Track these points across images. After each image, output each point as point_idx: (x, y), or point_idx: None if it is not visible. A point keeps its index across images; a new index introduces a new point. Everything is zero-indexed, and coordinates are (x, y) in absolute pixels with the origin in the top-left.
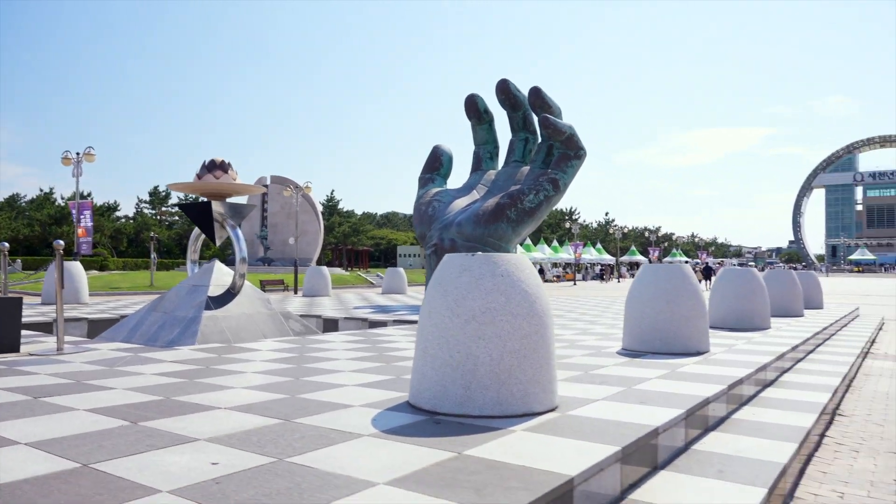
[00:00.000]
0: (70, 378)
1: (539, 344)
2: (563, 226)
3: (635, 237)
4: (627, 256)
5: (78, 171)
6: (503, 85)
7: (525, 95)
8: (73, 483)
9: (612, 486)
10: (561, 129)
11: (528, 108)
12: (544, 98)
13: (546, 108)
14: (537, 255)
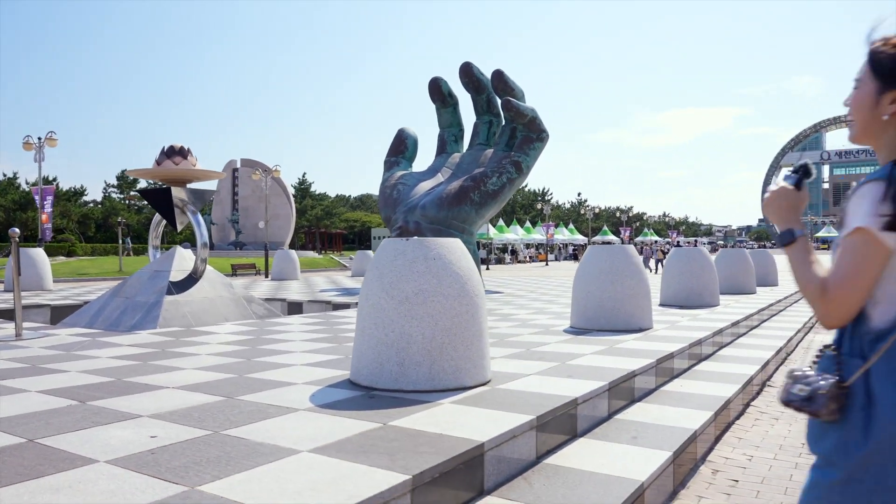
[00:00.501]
0: (26, 363)
1: (470, 323)
2: (535, 206)
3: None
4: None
5: (40, 157)
6: (466, 68)
7: (489, 79)
8: (18, 456)
9: (528, 451)
10: (523, 111)
11: (492, 91)
12: (507, 81)
13: (509, 91)
14: (510, 237)
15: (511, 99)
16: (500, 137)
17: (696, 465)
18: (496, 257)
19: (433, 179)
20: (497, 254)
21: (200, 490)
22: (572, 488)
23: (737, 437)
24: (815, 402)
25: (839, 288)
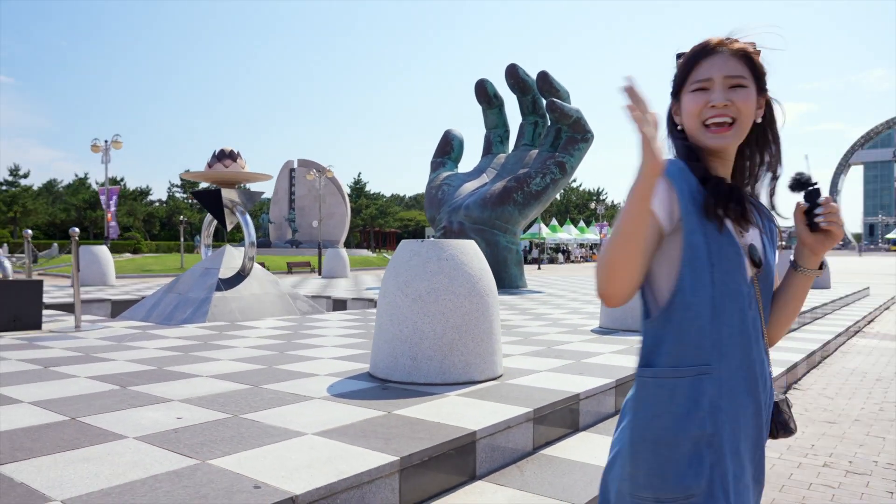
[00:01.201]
0: (80, 352)
1: (480, 320)
2: (589, 206)
3: None
4: None
5: (106, 158)
6: (512, 69)
7: (534, 80)
8: (59, 431)
9: (524, 442)
10: (568, 112)
11: (537, 92)
12: (552, 82)
13: (554, 92)
14: (563, 236)
15: (555, 100)
16: (545, 138)
17: None
18: (549, 257)
19: (478, 180)
20: (550, 254)
21: (210, 463)
22: (560, 476)
23: None
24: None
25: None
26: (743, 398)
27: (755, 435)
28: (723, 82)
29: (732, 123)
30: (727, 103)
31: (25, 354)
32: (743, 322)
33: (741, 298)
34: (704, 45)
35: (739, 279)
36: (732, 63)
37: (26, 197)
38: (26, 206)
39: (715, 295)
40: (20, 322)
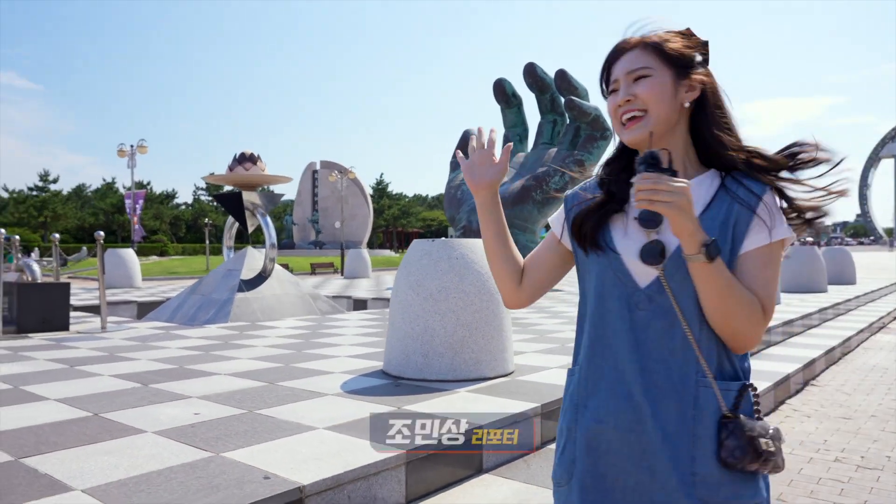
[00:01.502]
0: (105, 351)
1: (490, 318)
2: None
3: None
4: None
5: (132, 163)
6: (530, 68)
7: (552, 78)
8: (83, 426)
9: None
10: (586, 110)
11: (556, 90)
12: (570, 80)
13: (572, 90)
14: None
15: (573, 98)
16: (564, 136)
17: None
18: None
19: None
20: None
21: (223, 456)
22: None
23: None
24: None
25: (773, 303)
26: (616, 401)
27: (645, 441)
28: (626, 79)
29: (643, 114)
30: (629, 98)
31: (53, 354)
32: (619, 325)
33: (614, 301)
34: (613, 49)
35: (615, 282)
36: (633, 58)
37: (56, 202)
38: (56, 210)
39: (589, 299)
40: (49, 323)
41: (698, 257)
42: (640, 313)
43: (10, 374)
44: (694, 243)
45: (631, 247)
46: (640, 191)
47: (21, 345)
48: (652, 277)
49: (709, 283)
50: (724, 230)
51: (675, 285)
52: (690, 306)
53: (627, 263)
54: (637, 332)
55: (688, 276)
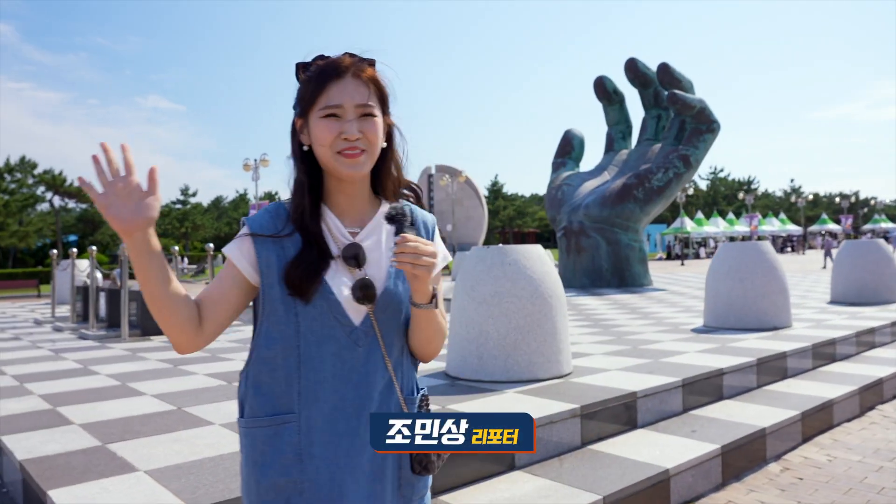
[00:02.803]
0: (208, 353)
1: (543, 321)
2: (739, 197)
3: (827, 204)
4: (817, 225)
5: (256, 176)
6: (631, 63)
7: (654, 72)
8: (165, 418)
9: (570, 436)
10: (690, 103)
11: (659, 84)
12: (673, 73)
13: (675, 84)
14: (710, 230)
15: (676, 91)
16: (669, 131)
17: (765, 461)
18: (694, 252)
19: (599, 178)
20: (695, 248)
21: None
22: (596, 469)
23: (834, 438)
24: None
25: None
26: (345, 441)
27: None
28: (354, 111)
29: (364, 151)
30: (359, 136)
31: (163, 355)
32: (340, 366)
33: (335, 342)
34: (334, 67)
35: (332, 323)
36: (363, 90)
37: (195, 213)
38: (195, 221)
39: (301, 344)
40: None
41: (428, 306)
42: (359, 350)
43: (123, 373)
44: (426, 295)
45: (339, 285)
46: (403, 253)
47: (141, 346)
48: (363, 314)
49: (430, 323)
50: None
51: (385, 318)
52: (394, 339)
53: (343, 304)
54: (358, 368)
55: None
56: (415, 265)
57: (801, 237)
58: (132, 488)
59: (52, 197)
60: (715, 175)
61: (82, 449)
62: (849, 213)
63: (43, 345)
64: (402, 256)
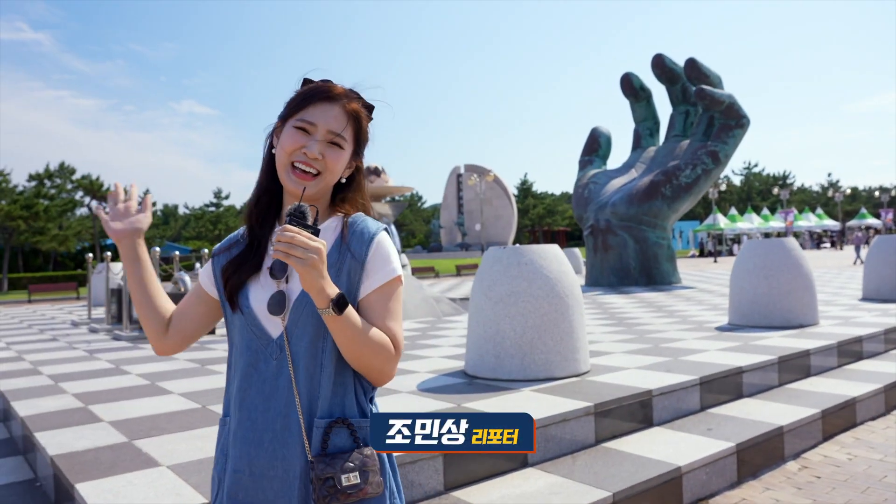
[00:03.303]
0: None
1: (559, 321)
2: (773, 192)
3: (867, 199)
4: (856, 220)
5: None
6: (658, 59)
7: (682, 68)
8: (190, 416)
9: (584, 434)
10: (719, 98)
11: (686, 80)
12: (700, 68)
13: (703, 79)
14: (744, 226)
15: (704, 87)
16: (697, 127)
17: (783, 459)
18: (727, 249)
19: (626, 176)
20: (728, 245)
21: None
22: (608, 467)
23: (856, 437)
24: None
25: (401, 337)
26: (249, 448)
27: (276, 484)
28: (325, 134)
29: (317, 175)
30: (318, 156)
31: (193, 355)
32: (255, 376)
33: (251, 354)
34: (324, 90)
35: (249, 335)
36: (341, 120)
37: (228, 216)
38: (228, 223)
39: (233, 352)
40: None
41: (328, 311)
42: (273, 363)
43: (153, 372)
44: (324, 299)
45: (264, 299)
46: (279, 241)
47: None
48: (281, 328)
49: (342, 332)
50: (340, 278)
51: (298, 332)
52: (306, 354)
53: (260, 317)
54: (269, 381)
55: (309, 324)
56: (288, 254)
57: (839, 232)
58: (155, 482)
59: (89, 201)
60: (749, 170)
61: (110, 445)
62: (889, 207)
63: (78, 345)
64: (277, 246)
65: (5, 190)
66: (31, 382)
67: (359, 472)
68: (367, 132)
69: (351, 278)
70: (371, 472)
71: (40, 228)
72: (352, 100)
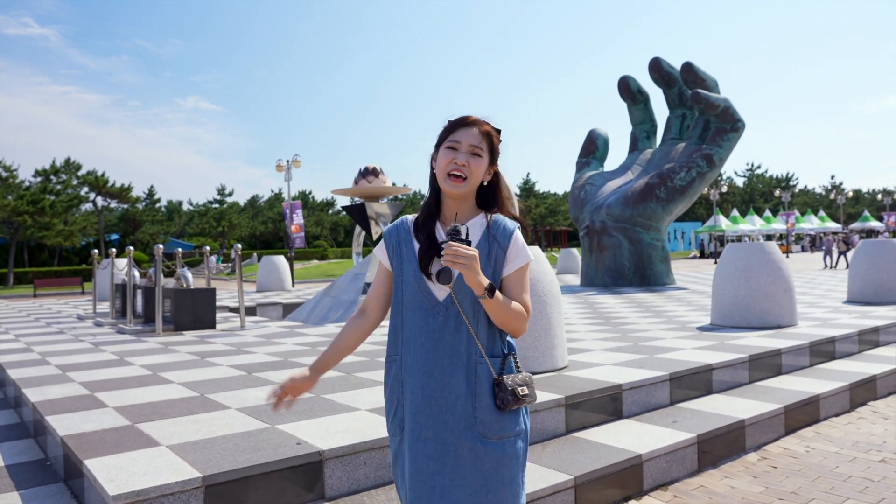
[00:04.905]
0: (233, 346)
1: (538, 318)
2: (776, 194)
3: (870, 202)
4: (859, 223)
5: (288, 176)
6: (655, 63)
7: (678, 71)
8: (189, 403)
9: (554, 424)
10: (714, 102)
11: (683, 83)
12: (697, 72)
13: (699, 83)
14: (745, 227)
15: (700, 91)
16: (693, 130)
17: (744, 450)
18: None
19: (622, 178)
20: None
21: (277, 427)
22: (574, 454)
23: (817, 431)
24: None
25: (530, 304)
26: (420, 378)
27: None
28: (467, 148)
29: (465, 179)
30: (465, 164)
31: (194, 348)
32: (425, 327)
33: (423, 311)
34: (465, 119)
35: (421, 297)
36: (477, 137)
37: (231, 213)
38: (231, 220)
39: (405, 309)
40: (200, 322)
41: (484, 297)
42: (440, 318)
43: (156, 363)
44: (480, 288)
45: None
46: (447, 254)
47: (173, 340)
48: (446, 294)
49: (493, 308)
50: (488, 262)
51: (461, 297)
52: (470, 311)
53: (431, 287)
54: (437, 331)
55: (466, 295)
56: (454, 262)
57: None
58: (155, 459)
59: (94, 197)
60: (752, 172)
61: (115, 427)
62: (892, 210)
63: (84, 338)
64: (446, 257)
65: (12, 185)
66: (41, 372)
67: (526, 386)
68: (498, 147)
69: (496, 261)
70: (530, 386)
71: (46, 224)
72: (484, 124)
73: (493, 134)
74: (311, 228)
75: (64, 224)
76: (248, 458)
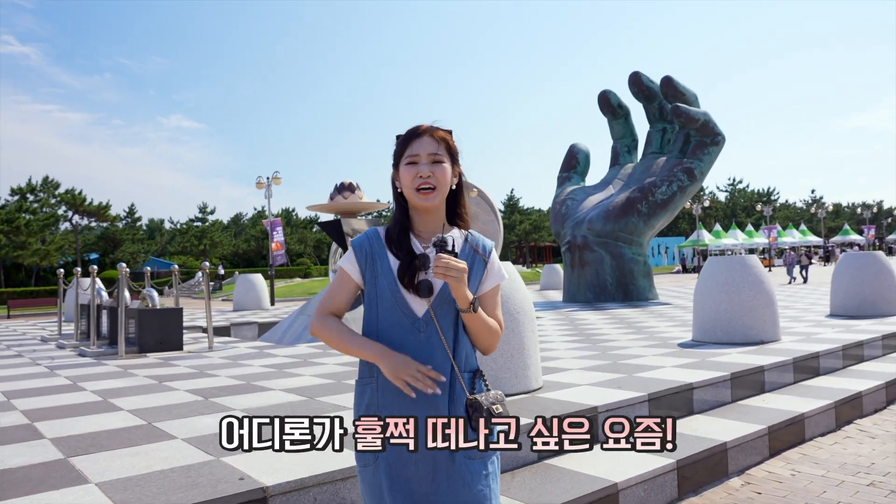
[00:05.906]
0: (196, 369)
1: (509, 337)
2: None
3: (850, 216)
4: (839, 237)
5: (269, 193)
6: (635, 77)
7: (658, 86)
8: (132, 433)
9: (526, 451)
10: (694, 116)
11: (663, 98)
12: (676, 86)
13: (679, 97)
14: (728, 241)
15: (680, 105)
16: (673, 144)
17: (727, 475)
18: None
19: (603, 192)
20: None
21: (221, 460)
22: (545, 484)
23: (802, 453)
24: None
25: (502, 321)
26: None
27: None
28: (427, 158)
29: (434, 188)
30: (430, 174)
31: (153, 371)
32: (404, 343)
33: (401, 328)
34: (415, 130)
35: (399, 313)
36: (434, 144)
37: (213, 231)
38: (213, 238)
39: (380, 327)
40: (166, 343)
41: (468, 311)
42: (420, 335)
43: (109, 389)
44: (466, 302)
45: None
46: (437, 266)
47: (135, 363)
48: (424, 309)
49: (473, 323)
50: (471, 276)
51: (442, 312)
52: (449, 327)
53: (407, 299)
54: (417, 348)
55: (449, 306)
56: (446, 275)
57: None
58: (79, 500)
59: (72, 216)
60: (734, 186)
61: (44, 462)
62: (871, 224)
63: (41, 361)
64: (437, 269)
65: None
66: None
67: (500, 404)
68: (456, 147)
69: (477, 276)
70: (503, 404)
71: (22, 243)
72: (435, 130)
73: (448, 137)
74: (295, 246)
75: (41, 243)
76: (181, 497)
